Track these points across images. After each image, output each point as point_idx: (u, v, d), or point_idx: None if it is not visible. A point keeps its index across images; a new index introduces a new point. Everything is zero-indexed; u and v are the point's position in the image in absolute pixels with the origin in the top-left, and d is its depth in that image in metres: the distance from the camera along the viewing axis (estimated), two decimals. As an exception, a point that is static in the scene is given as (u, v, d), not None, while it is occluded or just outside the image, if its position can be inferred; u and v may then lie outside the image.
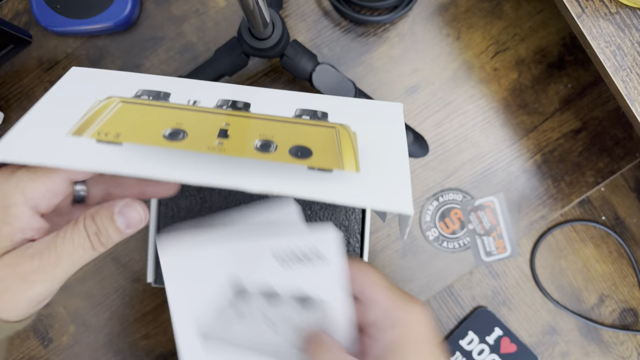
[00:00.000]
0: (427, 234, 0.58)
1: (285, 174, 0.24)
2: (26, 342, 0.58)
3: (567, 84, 0.58)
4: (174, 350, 0.58)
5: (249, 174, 0.24)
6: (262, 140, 0.26)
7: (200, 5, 0.57)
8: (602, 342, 0.60)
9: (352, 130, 0.29)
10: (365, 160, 0.27)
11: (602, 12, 0.44)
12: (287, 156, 0.26)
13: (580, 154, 0.58)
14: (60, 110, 0.28)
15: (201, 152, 0.26)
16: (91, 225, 0.26)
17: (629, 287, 0.60)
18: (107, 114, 0.28)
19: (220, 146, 0.26)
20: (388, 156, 0.28)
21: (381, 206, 0.25)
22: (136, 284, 0.58)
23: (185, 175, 0.25)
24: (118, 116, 0.28)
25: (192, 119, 0.28)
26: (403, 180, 0.27)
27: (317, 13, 0.57)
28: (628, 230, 0.61)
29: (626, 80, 0.43)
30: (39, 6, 0.54)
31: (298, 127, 0.28)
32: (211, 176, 0.25)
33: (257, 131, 0.27)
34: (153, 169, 0.25)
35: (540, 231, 0.60)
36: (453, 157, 0.58)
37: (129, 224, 0.27)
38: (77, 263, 0.27)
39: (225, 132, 0.27)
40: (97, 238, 0.27)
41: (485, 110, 0.58)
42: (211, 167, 0.25)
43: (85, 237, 0.26)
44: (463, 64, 0.58)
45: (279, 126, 0.28)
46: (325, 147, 0.27)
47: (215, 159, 0.25)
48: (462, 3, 0.58)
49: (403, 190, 0.26)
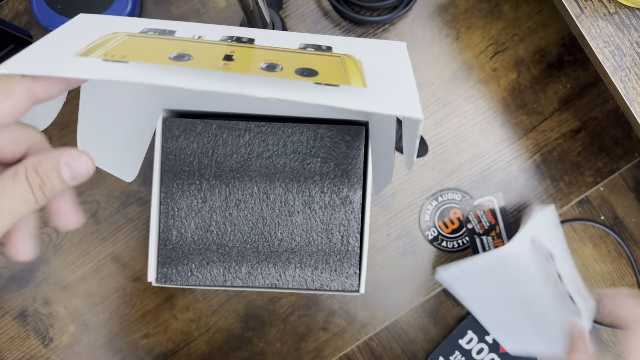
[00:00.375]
0: (427, 234, 0.58)
1: (293, 87, 0.25)
2: (27, 341, 0.58)
3: (567, 84, 0.58)
4: (174, 349, 0.58)
5: (255, 85, 0.24)
6: (268, 63, 0.26)
7: (201, 6, 0.57)
8: (600, 341, 0.61)
9: (357, 58, 0.29)
10: (372, 80, 0.27)
11: (601, 12, 0.44)
12: (294, 75, 0.26)
13: (580, 154, 0.58)
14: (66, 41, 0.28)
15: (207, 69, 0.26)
16: (35, 178, 0.24)
17: (628, 286, 0.61)
18: (113, 43, 0.28)
19: (225, 66, 0.26)
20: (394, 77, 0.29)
21: (390, 110, 0.25)
22: (136, 284, 0.58)
23: (193, 83, 0.24)
24: (124, 45, 0.28)
25: (197, 48, 0.28)
26: (411, 92, 0.27)
27: (317, 14, 0.58)
28: (627, 230, 0.61)
29: (625, 80, 0.43)
30: (40, 7, 0.54)
31: (303, 55, 0.28)
32: (218, 84, 0.24)
33: (262, 57, 0.27)
34: (161, 79, 0.24)
35: (540, 231, 0.61)
36: (452, 157, 0.58)
37: (75, 175, 0.26)
38: (17, 217, 0.25)
39: (230, 57, 0.27)
40: (42, 191, 0.25)
41: (485, 110, 0.58)
42: (218, 80, 0.25)
43: (28, 191, 0.24)
44: (462, 64, 0.58)
45: (284, 54, 0.28)
46: (331, 69, 0.27)
47: (221, 75, 0.25)
48: (462, 4, 0.58)
49: (411, 98, 0.26)
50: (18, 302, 0.58)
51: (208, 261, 0.48)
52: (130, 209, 0.57)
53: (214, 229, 0.48)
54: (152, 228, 0.47)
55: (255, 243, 0.48)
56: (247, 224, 0.48)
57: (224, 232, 0.48)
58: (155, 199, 0.48)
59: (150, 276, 0.47)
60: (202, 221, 0.48)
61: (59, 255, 0.57)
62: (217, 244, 0.48)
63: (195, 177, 0.48)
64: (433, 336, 0.60)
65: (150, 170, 0.57)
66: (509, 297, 0.52)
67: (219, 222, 0.48)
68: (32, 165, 0.25)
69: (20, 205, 0.24)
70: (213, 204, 0.48)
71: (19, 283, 0.58)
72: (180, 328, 0.58)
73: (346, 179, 0.48)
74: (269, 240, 0.48)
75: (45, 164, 0.25)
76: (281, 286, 0.47)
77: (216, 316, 0.58)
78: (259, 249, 0.48)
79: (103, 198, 0.57)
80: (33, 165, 0.25)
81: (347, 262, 0.47)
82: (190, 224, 0.48)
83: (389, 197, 0.58)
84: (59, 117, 0.57)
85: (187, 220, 0.48)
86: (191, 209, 0.48)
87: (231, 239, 0.48)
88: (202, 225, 0.48)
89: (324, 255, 0.47)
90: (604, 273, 0.61)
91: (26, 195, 0.24)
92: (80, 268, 0.58)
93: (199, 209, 0.48)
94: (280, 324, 0.58)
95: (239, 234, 0.48)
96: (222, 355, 0.59)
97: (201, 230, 0.48)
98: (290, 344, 0.59)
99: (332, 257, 0.47)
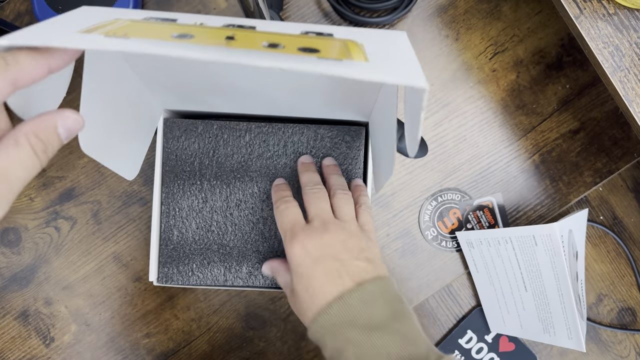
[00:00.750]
0: (426, 234, 0.58)
1: (295, 59, 0.25)
2: (28, 341, 0.58)
3: (565, 84, 0.58)
4: (175, 348, 0.59)
5: (258, 57, 0.24)
6: (270, 42, 0.27)
7: (202, 7, 0.57)
8: (600, 341, 0.61)
9: (359, 42, 0.29)
10: (374, 57, 0.27)
11: (600, 13, 0.44)
12: (296, 51, 0.26)
13: (579, 154, 0.58)
14: (66, 24, 0.28)
15: (210, 45, 0.26)
16: (37, 143, 0.25)
17: (627, 286, 0.61)
18: (115, 25, 0.28)
19: (228, 42, 0.26)
20: (397, 55, 0.29)
21: (393, 79, 0.25)
22: (137, 283, 0.58)
23: (196, 53, 0.24)
24: (126, 26, 0.28)
25: (199, 31, 0.28)
26: (414, 65, 0.27)
27: (317, 14, 0.58)
28: (626, 229, 0.61)
29: (624, 80, 0.43)
30: (41, 7, 0.54)
31: (305, 38, 0.28)
32: (221, 54, 0.24)
33: (264, 38, 0.27)
34: (162, 49, 0.24)
35: (539, 231, 0.61)
36: (452, 158, 0.58)
37: (70, 134, 0.27)
38: (25, 183, 0.26)
39: (232, 37, 0.27)
40: (45, 154, 0.26)
41: (484, 110, 0.58)
42: (220, 51, 0.25)
43: (32, 156, 0.25)
44: (462, 64, 0.58)
45: (286, 37, 0.28)
46: (332, 48, 0.27)
47: (224, 49, 0.25)
48: (461, 4, 0.58)
49: (414, 70, 0.26)
50: (19, 301, 0.58)
51: (209, 261, 0.48)
52: (131, 208, 0.58)
53: (214, 228, 0.48)
54: (153, 228, 0.48)
55: (256, 243, 0.48)
56: (248, 224, 0.48)
57: (224, 232, 0.48)
58: (156, 199, 0.48)
59: (152, 275, 0.47)
60: (202, 221, 0.48)
61: (60, 255, 0.58)
62: (218, 243, 0.48)
63: (196, 177, 0.48)
64: (432, 335, 0.60)
65: (151, 170, 0.58)
66: (519, 277, 0.54)
67: (219, 221, 0.48)
68: (31, 130, 0.25)
69: (28, 170, 0.25)
70: (214, 204, 0.48)
71: (20, 283, 0.58)
72: (181, 327, 0.59)
73: (346, 179, 0.48)
74: (270, 240, 0.48)
75: (44, 128, 0.26)
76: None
77: (217, 315, 0.58)
78: (260, 249, 0.48)
79: (104, 198, 0.58)
80: (32, 130, 0.25)
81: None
82: (191, 223, 0.48)
83: (388, 197, 0.58)
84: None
85: (188, 220, 0.48)
86: (192, 209, 0.48)
87: (232, 239, 0.48)
88: (202, 225, 0.48)
89: None
90: (603, 273, 0.61)
91: (31, 161, 0.25)
92: (81, 268, 0.58)
93: (200, 208, 0.48)
94: (281, 323, 0.59)
95: (240, 234, 0.48)
96: (222, 355, 0.59)
97: (202, 230, 0.48)
98: (290, 343, 0.59)
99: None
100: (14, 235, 0.58)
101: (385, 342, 0.35)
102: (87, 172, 0.58)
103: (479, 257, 0.56)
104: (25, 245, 0.58)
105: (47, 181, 0.58)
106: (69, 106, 0.57)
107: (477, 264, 0.57)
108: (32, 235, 0.58)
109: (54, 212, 0.58)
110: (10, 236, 0.58)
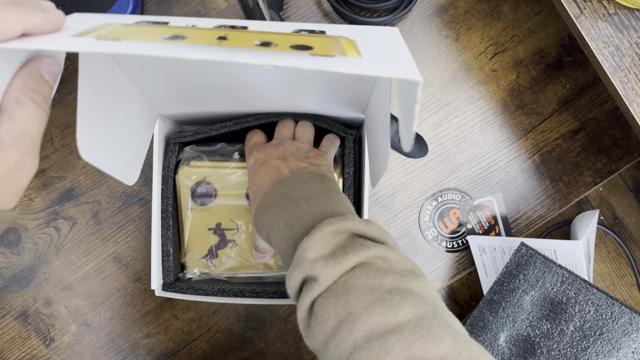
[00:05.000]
0: (426, 234, 0.58)
1: (288, 56, 0.25)
2: (28, 341, 0.58)
3: (566, 84, 0.58)
4: (175, 349, 0.59)
5: (251, 55, 0.25)
6: (262, 41, 0.27)
7: (202, 7, 0.57)
8: (600, 341, 0.61)
9: (351, 38, 0.29)
10: (367, 52, 0.27)
11: (600, 13, 0.44)
12: (289, 49, 0.26)
13: (579, 154, 0.58)
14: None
15: (202, 45, 0.26)
16: (36, 95, 0.27)
17: (627, 286, 0.61)
18: (106, 29, 0.28)
19: (220, 43, 0.26)
20: (390, 50, 0.29)
21: (387, 73, 0.25)
22: (137, 284, 0.58)
23: (188, 53, 0.24)
24: (117, 30, 0.28)
25: (191, 32, 0.28)
26: (407, 59, 0.27)
27: (318, 14, 0.58)
28: (626, 229, 0.61)
29: (624, 80, 0.43)
30: (41, 7, 0.54)
31: (297, 36, 0.28)
32: (213, 53, 0.24)
33: (256, 37, 0.28)
34: (155, 50, 0.24)
35: (539, 231, 0.61)
36: (452, 158, 0.58)
37: (54, 76, 0.28)
38: (41, 135, 0.28)
39: (224, 37, 0.27)
40: (46, 103, 0.27)
41: (484, 110, 0.58)
42: (212, 50, 0.25)
43: (37, 108, 0.27)
44: (462, 65, 0.58)
45: (278, 35, 0.28)
46: (325, 45, 0.27)
47: (216, 48, 0.26)
48: (461, 4, 0.58)
49: (408, 63, 0.27)
50: (19, 302, 0.58)
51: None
52: (131, 209, 0.58)
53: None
54: (154, 232, 0.46)
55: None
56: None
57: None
58: (156, 199, 0.48)
59: (154, 283, 0.46)
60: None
61: (60, 255, 0.58)
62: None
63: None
64: (433, 336, 0.60)
65: (151, 171, 0.57)
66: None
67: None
68: (26, 86, 0.27)
69: (40, 123, 0.27)
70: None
71: (20, 283, 0.58)
72: (181, 327, 0.59)
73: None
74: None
75: (33, 79, 0.27)
76: (282, 286, 0.48)
77: (217, 315, 0.58)
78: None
79: (104, 198, 0.58)
80: (27, 86, 0.27)
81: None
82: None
83: (388, 197, 0.58)
84: (60, 117, 0.57)
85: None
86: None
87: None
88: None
89: None
90: (603, 273, 0.61)
91: (38, 113, 0.27)
92: (81, 268, 0.58)
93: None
94: (281, 323, 0.59)
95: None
96: (222, 355, 0.59)
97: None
98: (290, 343, 0.59)
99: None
100: (14, 236, 0.58)
101: (312, 206, 0.37)
102: (87, 173, 0.58)
103: (490, 263, 0.56)
104: (25, 245, 0.58)
105: (47, 181, 0.58)
106: (69, 106, 0.57)
107: (487, 268, 0.57)
108: (32, 236, 0.58)
109: (54, 212, 0.58)
110: (10, 236, 0.58)
